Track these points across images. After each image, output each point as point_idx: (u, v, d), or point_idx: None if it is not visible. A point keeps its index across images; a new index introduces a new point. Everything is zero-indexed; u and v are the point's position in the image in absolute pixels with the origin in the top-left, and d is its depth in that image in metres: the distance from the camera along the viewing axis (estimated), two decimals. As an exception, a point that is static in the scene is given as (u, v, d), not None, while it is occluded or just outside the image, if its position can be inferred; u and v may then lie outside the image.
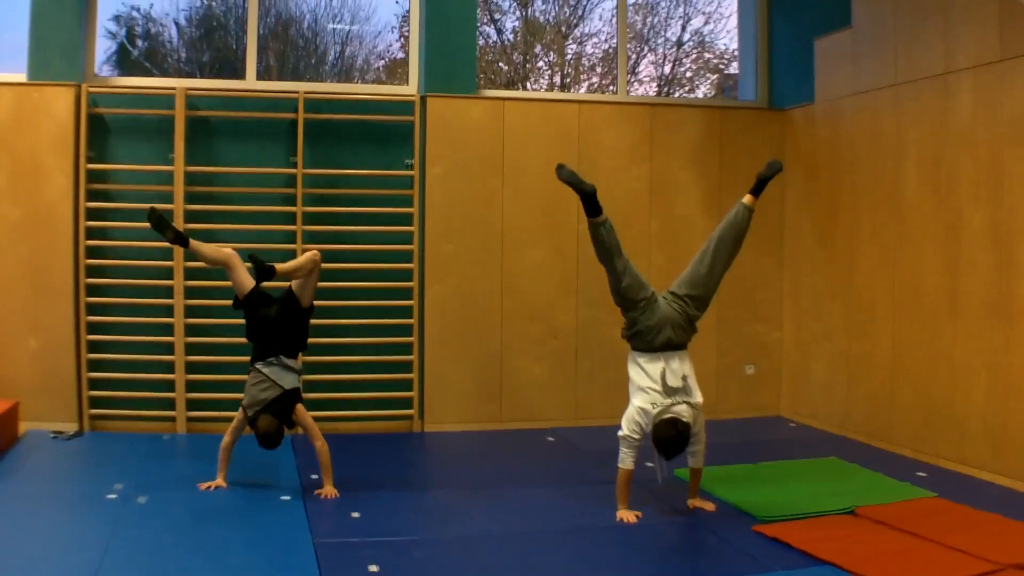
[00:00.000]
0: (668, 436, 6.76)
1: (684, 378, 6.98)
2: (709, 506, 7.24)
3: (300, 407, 7.67)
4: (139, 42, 10.88)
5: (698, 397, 7.01)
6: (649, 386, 6.95)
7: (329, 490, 7.54)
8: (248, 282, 7.74)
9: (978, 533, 6.44)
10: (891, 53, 9.26)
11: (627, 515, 7.03)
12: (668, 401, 6.88)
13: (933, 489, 7.67)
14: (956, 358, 8.44)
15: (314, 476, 7.86)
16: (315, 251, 7.68)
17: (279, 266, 7.53)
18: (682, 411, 6.87)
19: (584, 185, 7.05)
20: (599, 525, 6.92)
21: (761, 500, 7.33)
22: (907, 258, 9.01)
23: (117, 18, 10.42)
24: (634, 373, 7.12)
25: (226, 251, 7.83)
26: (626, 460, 7.04)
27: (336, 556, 6.02)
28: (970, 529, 6.55)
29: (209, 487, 7.56)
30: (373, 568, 5.82)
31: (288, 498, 7.33)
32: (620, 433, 7.04)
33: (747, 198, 7.41)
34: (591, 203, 7.08)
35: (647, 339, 7.05)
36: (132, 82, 9.85)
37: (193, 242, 7.76)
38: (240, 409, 7.64)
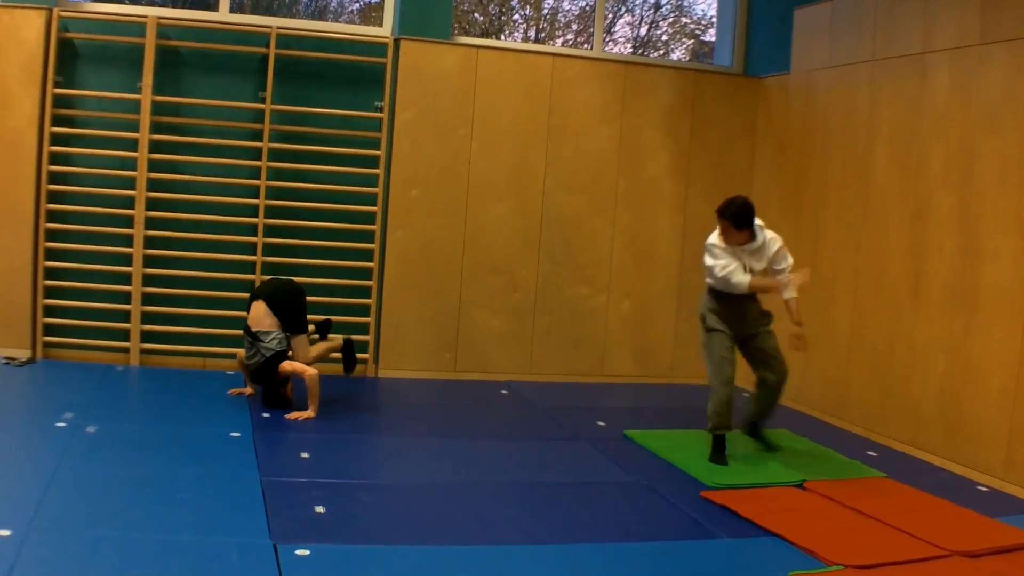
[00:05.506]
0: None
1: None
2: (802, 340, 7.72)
3: (283, 363, 8.10)
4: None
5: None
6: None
7: (308, 413, 8.00)
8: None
9: (925, 517, 6.45)
10: (870, 28, 9.21)
11: None
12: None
13: (883, 469, 7.69)
14: (915, 341, 8.45)
15: (266, 415, 7.91)
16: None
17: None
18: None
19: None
20: (547, 481, 6.94)
21: (711, 467, 7.35)
22: (872, 238, 9.01)
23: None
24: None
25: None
26: (736, 273, 7.54)
27: (283, 495, 5.99)
28: (918, 512, 6.56)
29: (236, 392, 8.58)
30: (319, 509, 5.81)
31: (238, 435, 7.29)
32: (710, 264, 7.65)
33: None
34: None
35: None
36: (104, 8, 9.63)
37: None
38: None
